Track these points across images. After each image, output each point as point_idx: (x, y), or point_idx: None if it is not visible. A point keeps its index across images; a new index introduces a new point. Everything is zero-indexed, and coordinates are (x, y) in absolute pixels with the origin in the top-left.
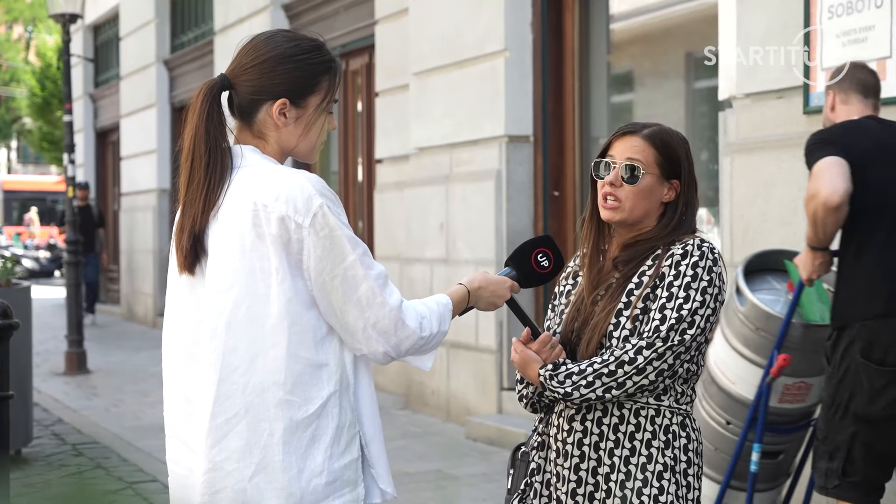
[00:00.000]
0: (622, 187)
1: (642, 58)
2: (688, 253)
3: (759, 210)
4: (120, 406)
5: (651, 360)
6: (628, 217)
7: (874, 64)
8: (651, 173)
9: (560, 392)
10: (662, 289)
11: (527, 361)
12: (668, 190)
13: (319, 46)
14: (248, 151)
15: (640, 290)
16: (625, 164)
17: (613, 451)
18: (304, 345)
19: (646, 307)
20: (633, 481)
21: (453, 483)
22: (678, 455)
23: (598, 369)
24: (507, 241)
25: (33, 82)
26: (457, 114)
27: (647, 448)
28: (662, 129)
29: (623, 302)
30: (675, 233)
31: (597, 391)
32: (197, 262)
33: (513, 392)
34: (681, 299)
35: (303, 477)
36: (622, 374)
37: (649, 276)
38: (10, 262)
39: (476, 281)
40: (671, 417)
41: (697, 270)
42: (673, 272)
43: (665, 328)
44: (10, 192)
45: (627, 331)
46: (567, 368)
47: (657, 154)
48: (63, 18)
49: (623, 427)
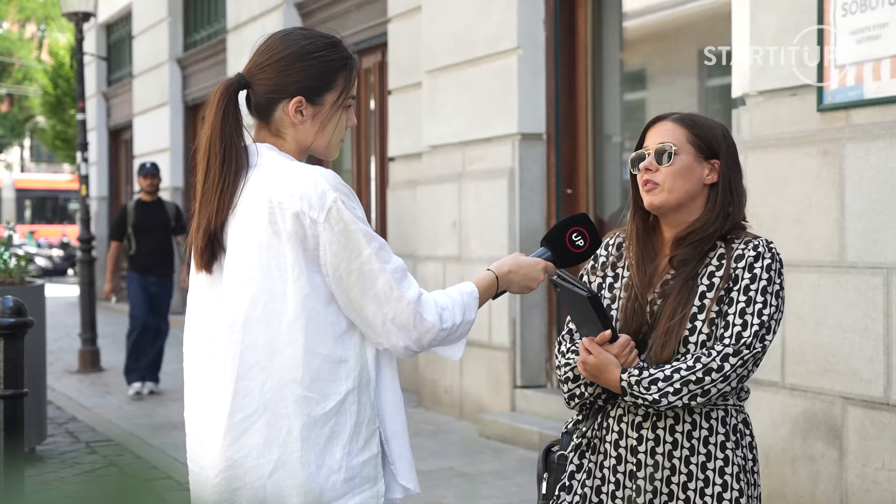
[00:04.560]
0: (658, 171)
1: (655, 55)
2: (760, 255)
3: (773, 207)
4: (133, 404)
5: (736, 367)
6: (669, 198)
7: (888, 61)
8: (685, 153)
9: (648, 399)
10: (739, 292)
11: (605, 365)
12: (710, 171)
13: (335, 43)
14: (265, 149)
15: (713, 293)
16: (657, 148)
17: (689, 459)
18: (321, 341)
19: (720, 310)
20: (712, 487)
21: (467, 481)
22: (746, 454)
23: (685, 376)
24: (520, 238)
25: (46, 81)
26: (469, 112)
27: (722, 451)
28: (694, 113)
29: (696, 305)
30: (726, 221)
31: (683, 398)
32: (214, 261)
33: (526, 390)
34: (759, 304)
35: (321, 473)
36: (709, 381)
37: (720, 278)
38: (23, 260)
39: (506, 265)
40: (737, 416)
41: (771, 274)
42: (748, 275)
43: (748, 335)
44: (22, 190)
45: (704, 335)
46: (651, 374)
47: (689, 133)
48: (76, 17)
49: (696, 433)
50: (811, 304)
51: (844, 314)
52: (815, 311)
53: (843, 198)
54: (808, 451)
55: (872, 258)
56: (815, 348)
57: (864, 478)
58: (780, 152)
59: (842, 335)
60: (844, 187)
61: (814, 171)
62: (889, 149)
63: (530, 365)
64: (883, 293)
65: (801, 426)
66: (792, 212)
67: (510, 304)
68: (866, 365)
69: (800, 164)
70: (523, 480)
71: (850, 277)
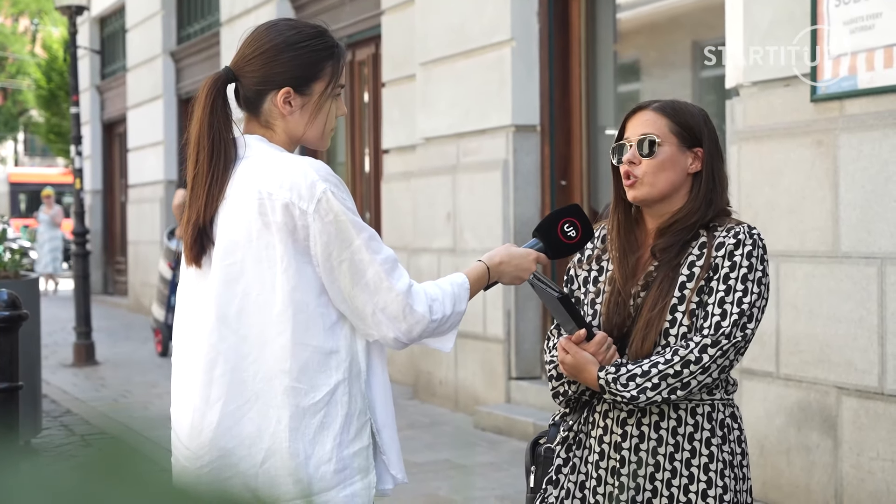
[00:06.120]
0: (641, 163)
1: (649, 47)
2: (740, 242)
3: (767, 198)
4: (128, 397)
5: (716, 358)
6: (651, 192)
7: (881, 52)
8: (668, 143)
9: (626, 396)
10: (718, 281)
11: (582, 364)
12: (693, 160)
13: (322, 33)
14: (254, 141)
15: (693, 283)
16: (638, 139)
17: (674, 455)
18: (310, 332)
19: (701, 300)
20: (697, 483)
21: (462, 472)
22: (734, 448)
23: (663, 370)
24: (515, 230)
25: (39, 75)
26: (463, 104)
27: (707, 447)
28: (674, 100)
29: (676, 297)
30: (709, 209)
31: (662, 393)
32: (203, 254)
33: (521, 382)
34: (739, 292)
35: (311, 463)
36: (688, 374)
37: (700, 267)
38: (17, 254)
39: (497, 256)
40: (724, 410)
41: (752, 261)
42: (728, 263)
43: (728, 324)
44: (16, 184)
45: (685, 327)
46: (629, 370)
47: (671, 123)
48: (69, 11)
49: (682, 429)
50: (805, 295)
51: (839, 304)
52: (809, 301)
53: (837, 188)
54: (802, 442)
55: (866, 248)
56: (810, 338)
57: (859, 468)
58: (773, 143)
59: (836, 325)
60: (838, 178)
61: (808, 161)
62: (883, 139)
63: (525, 356)
64: (877, 283)
65: (796, 416)
66: (786, 202)
67: (505, 295)
68: (860, 355)
69: (794, 154)
70: (518, 472)
71: (845, 268)
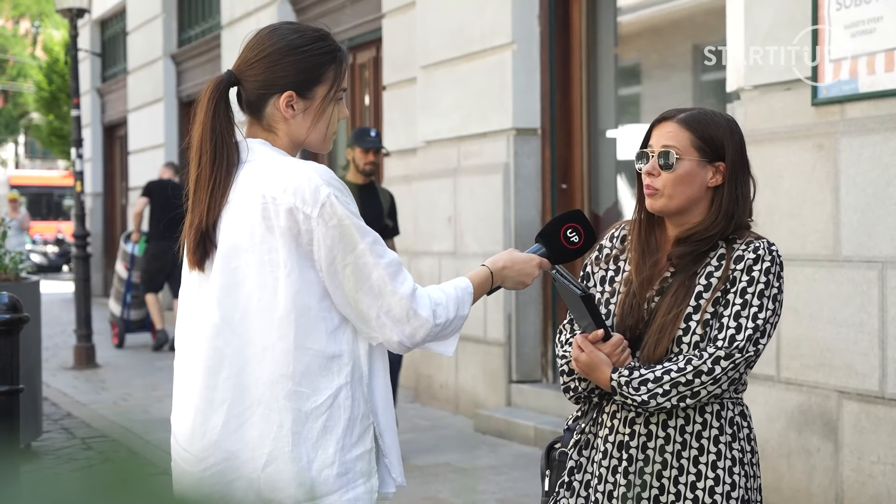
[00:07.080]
0: (660, 176)
1: (650, 50)
2: (759, 258)
3: (767, 202)
4: (129, 400)
5: (727, 370)
6: (669, 204)
7: (882, 55)
8: (688, 158)
9: (637, 400)
10: (735, 294)
11: (596, 363)
12: (714, 174)
13: (324, 36)
14: (257, 145)
15: (709, 294)
16: (660, 151)
17: (682, 453)
18: (313, 336)
19: (716, 311)
20: (704, 480)
21: (463, 476)
22: (744, 446)
23: (675, 378)
24: (515, 233)
25: (40, 77)
26: (464, 107)
27: (716, 444)
28: (701, 111)
29: (692, 305)
30: (729, 223)
31: (672, 400)
32: (206, 258)
33: (522, 385)
34: (755, 307)
35: (313, 467)
36: (699, 383)
37: (718, 279)
38: (18, 256)
39: (500, 260)
40: (733, 408)
41: (770, 277)
42: (746, 277)
43: (742, 338)
44: (17, 187)
45: (698, 336)
46: (642, 375)
47: (693, 137)
48: (70, 13)
49: (690, 427)
50: (806, 299)
51: (839, 308)
52: (810, 305)
53: (838, 192)
54: (803, 445)
55: (867, 252)
56: (811, 342)
57: (860, 471)
58: (774, 146)
59: (837, 329)
60: (839, 181)
61: (808, 165)
62: (883, 143)
63: (526, 360)
64: (878, 287)
65: (797, 420)
66: (787, 206)
67: (505, 299)
68: (861, 359)
69: (794, 158)
70: (519, 475)
71: (845, 271)
